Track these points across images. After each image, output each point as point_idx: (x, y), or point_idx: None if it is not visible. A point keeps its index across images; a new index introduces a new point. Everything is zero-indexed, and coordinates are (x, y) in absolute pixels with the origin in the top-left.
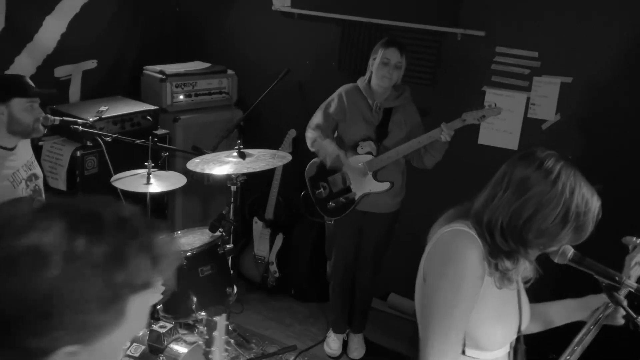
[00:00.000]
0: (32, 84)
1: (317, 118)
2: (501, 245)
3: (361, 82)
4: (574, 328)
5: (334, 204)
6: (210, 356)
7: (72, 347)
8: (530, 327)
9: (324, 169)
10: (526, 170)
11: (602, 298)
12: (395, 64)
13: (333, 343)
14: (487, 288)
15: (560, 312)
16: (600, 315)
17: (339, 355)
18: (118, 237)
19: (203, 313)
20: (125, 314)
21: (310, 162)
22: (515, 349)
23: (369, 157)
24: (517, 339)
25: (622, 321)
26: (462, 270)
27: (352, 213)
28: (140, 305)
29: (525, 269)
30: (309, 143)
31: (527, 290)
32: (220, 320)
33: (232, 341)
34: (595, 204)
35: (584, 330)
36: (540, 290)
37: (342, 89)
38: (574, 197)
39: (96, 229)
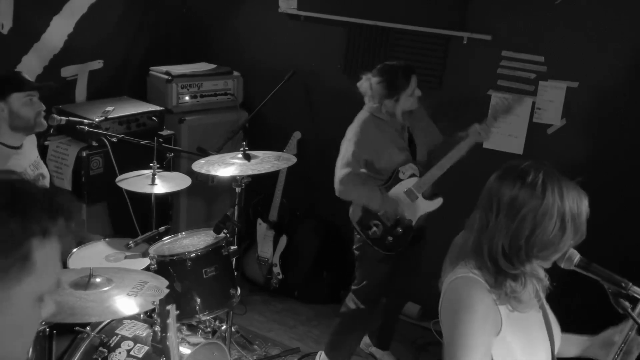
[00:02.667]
0: (30, 79)
1: (344, 165)
2: (506, 269)
3: (376, 111)
4: None
5: (392, 238)
6: (167, 341)
7: None
8: (564, 349)
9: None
10: (512, 190)
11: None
12: (416, 84)
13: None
14: (507, 318)
15: (578, 344)
16: (630, 332)
17: None
18: (12, 191)
19: (207, 314)
20: (31, 260)
21: (351, 207)
22: None
23: (414, 179)
24: None
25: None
26: (470, 317)
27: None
28: (46, 254)
29: (532, 290)
30: (341, 194)
31: None
32: (172, 308)
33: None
34: (584, 202)
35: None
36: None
37: (360, 126)
38: (565, 203)
39: None
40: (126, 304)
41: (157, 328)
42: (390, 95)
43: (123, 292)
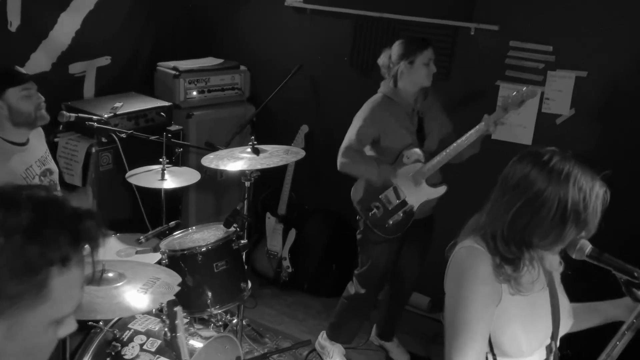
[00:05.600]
0: (23, 71)
1: (347, 141)
2: (504, 252)
3: (388, 90)
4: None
5: (392, 222)
6: (177, 342)
7: None
8: (579, 324)
9: (371, 188)
10: (523, 169)
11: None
12: (432, 61)
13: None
14: (508, 295)
15: (599, 311)
16: (635, 320)
17: None
18: (36, 212)
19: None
20: (47, 288)
21: (354, 186)
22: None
23: (419, 165)
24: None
25: None
26: (473, 288)
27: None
28: (65, 282)
29: (535, 274)
30: (341, 167)
31: None
32: (179, 309)
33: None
34: (595, 194)
35: (617, 335)
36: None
37: (370, 105)
38: (569, 192)
39: (13, 205)
40: (136, 302)
41: (166, 329)
42: (407, 55)
43: (133, 289)
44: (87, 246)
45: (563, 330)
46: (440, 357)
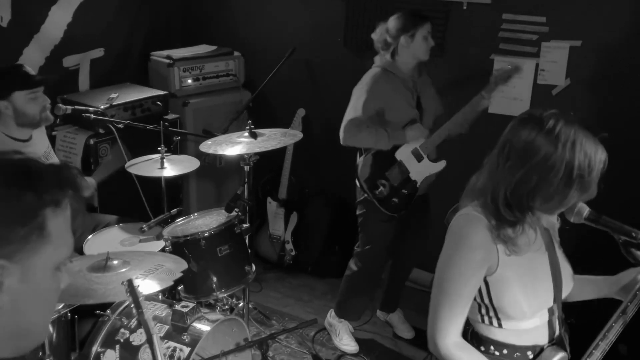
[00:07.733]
0: (32, 72)
1: (352, 113)
2: (506, 215)
3: (387, 64)
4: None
5: (397, 199)
6: (144, 317)
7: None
8: (581, 292)
9: (377, 166)
10: (528, 135)
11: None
12: (430, 34)
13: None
14: (505, 257)
15: (596, 285)
16: (639, 293)
17: None
18: (20, 167)
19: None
20: (47, 229)
21: (359, 164)
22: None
23: (421, 140)
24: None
25: None
26: (465, 256)
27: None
28: (60, 224)
29: (532, 236)
30: (346, 141)
31: None
32: (137, 286)
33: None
34: (599, 158)
35: (620, 309)
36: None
37: (372, 78)
38: (575, 157)
39: (3, 163)
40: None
41: (132, 306)
42: (407, 29)
43: (133, 276)
44: (70, 191)
45: (565, 293)
46: None
